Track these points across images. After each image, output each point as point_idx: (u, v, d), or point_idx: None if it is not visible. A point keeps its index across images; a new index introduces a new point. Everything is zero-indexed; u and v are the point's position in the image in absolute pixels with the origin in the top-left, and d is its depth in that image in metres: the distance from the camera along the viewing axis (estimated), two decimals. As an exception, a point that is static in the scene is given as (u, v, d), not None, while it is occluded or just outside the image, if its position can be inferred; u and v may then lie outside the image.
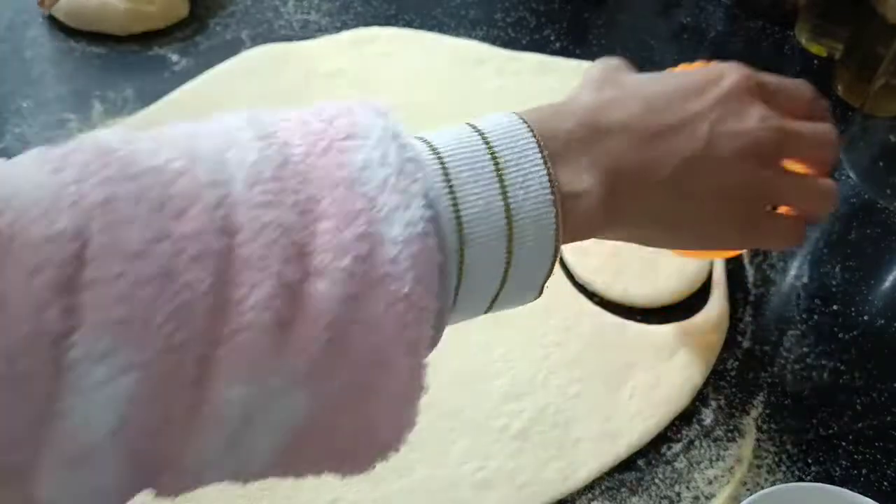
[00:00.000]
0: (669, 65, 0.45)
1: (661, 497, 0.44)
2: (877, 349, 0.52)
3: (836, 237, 0.58)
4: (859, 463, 0.46)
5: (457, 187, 0.30)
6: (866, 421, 0.48)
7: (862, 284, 0.55)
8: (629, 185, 0.35)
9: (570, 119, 0.34)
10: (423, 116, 0.62)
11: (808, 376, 0.50)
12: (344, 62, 0.65)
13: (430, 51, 0.68)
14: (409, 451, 0.44)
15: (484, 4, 0.74)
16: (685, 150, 0.36)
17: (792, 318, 0.53)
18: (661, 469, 0.45)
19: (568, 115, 0.35)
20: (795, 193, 0.40)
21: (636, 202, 0.35)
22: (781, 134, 0.38)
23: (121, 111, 0.61)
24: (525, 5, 0.75)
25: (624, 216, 0.36)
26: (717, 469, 0.45)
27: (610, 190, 0.34)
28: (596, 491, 0.44)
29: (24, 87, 0.62)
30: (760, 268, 0.56)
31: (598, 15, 0.74)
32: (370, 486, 0.43)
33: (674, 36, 0.73)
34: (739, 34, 0.74)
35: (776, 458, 0.46)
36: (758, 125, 0.37)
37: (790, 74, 0.70)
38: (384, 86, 0.64)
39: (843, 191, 0.61)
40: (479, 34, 0.71)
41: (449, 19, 0.72)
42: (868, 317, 0.53)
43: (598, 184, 0.34)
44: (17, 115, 0.60)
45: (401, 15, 0.72)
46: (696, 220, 0.37)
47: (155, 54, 0.66)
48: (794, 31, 0.74)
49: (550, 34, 0.72)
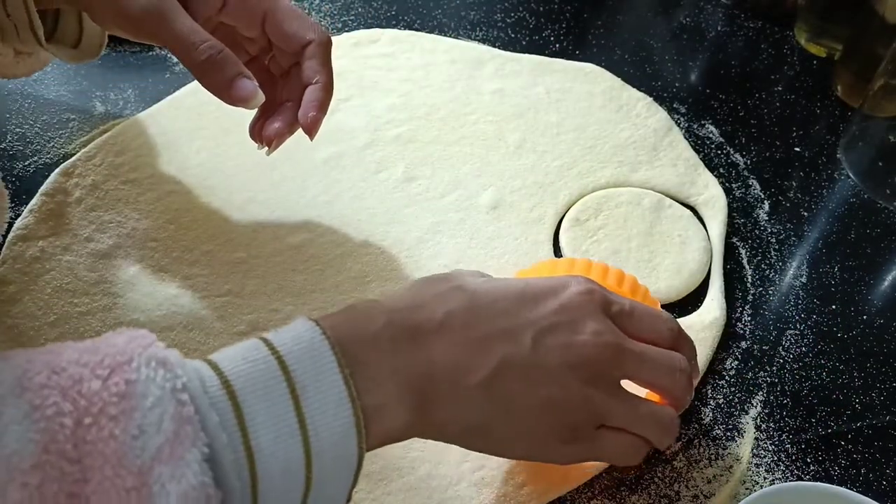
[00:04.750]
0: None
1: (660, 496, 0.44)
2: (876, 349, 0.52)
3: (835, 237, 0.58)
4: (858, 462, 0.46)
5: (249, 421, 0.29)
6: (865, 420, 0.48)
7: (861, 284, 0.55)
8: (442, 391, 0.33)
9: (380, 319, 0.33)
10: (423, 117, 0.63)
11: (807, 376, 0.50)
12: (344, 63, 0.65)
13: (430, 52, 0.68)
14: (409, 450, 0.44)
15: (484, 5, 0.74)
16: (506, 356, 0.34)
17: (791, 317, 0.53)
18: (661, 468, 0.45)
19: (379, 315, 0.33)
20: (627, 418, 0.37)
21: (449, 408, 0.34)
22: (616, 351, 0.36)
23: (121, 111, 0.62)
24: (525, 6, 0.75)
25: (436, 424, 0.34)
26: (716, 468, 0.45)
27: (419, 398, 0.33)
28: (595, 489, 0.44)
29: (25, 87, 0.62)
30: (759, 267, 0.56)
31: (597, 15, 0.75)
32: (371, 484, 0.43)
33: (674, 36, 0.73)
34: (739, 34, 0.74)
35: (775, 457, 0.46)
36: (590, 339, 0.35)
37: (790, 74, 0.70)
38: (384, 87, 0.64)
39: (843, 191, 0.61)
40: (479, 35, 0.71)
41: (449, 20, 0.72)
42: (867, 316, 0.53)
43: (404, 392, 0.32)
44: (19, 115, 0.60)
45: (401, 16, 0.72)
46: (516, 430, 0.35)
47: (156, 54, 0.66)
48: (793, 31, 0.74)
49: (550, 35, 0.72)
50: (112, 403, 0.27)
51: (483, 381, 0.34)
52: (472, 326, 0.34)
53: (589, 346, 0.36)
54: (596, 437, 0.37)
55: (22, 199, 0.54)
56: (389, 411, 0.33)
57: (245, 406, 0.29)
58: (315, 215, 0.56)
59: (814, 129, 0.66)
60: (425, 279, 0.37)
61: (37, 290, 0.49)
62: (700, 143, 0.64)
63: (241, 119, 0.50)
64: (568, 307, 0.36)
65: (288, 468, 0.30)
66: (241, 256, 0.53)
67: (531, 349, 0.35)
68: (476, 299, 0.35)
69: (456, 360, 0.34)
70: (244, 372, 0.30)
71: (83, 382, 0.27)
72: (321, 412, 0.30)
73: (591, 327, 0.36)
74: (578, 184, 0.59)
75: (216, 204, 0.55)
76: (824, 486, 0.40)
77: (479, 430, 0.35)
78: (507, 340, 0.34)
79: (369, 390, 0.32)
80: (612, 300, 0.38)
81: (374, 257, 0.54)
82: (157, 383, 0.28)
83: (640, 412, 0.38)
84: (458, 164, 0.60)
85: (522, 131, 0.62)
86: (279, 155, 0.50)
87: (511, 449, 0.38)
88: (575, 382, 0.35)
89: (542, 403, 0.35)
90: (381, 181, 0.58)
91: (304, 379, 0.30)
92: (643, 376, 0.38)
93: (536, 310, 0.36)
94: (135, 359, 0.29)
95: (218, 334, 0.49)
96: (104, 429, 0.26)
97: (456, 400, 0.34)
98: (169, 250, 0.52)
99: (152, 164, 0.57)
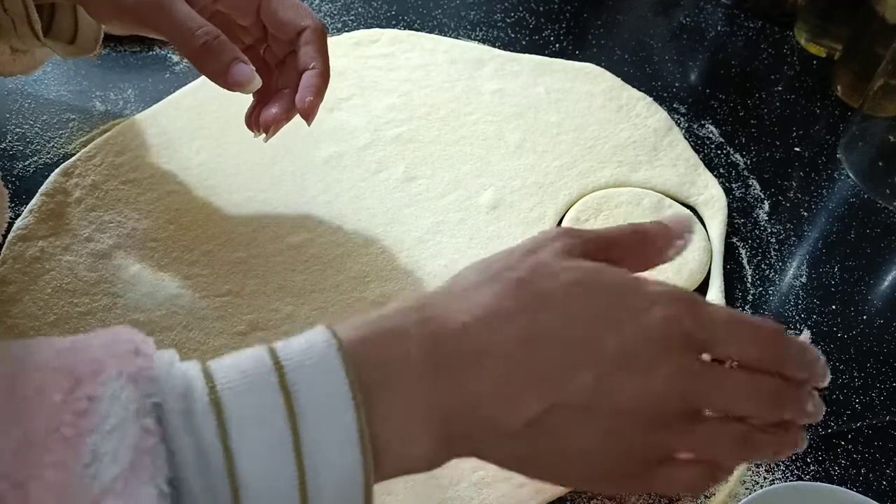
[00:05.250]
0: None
1: (660, 496, 0.44)
2: (876, 349, 0.52)
3: (835, 237, 0.58)
4: (858, 462, 0.46)
5: (235, 448, 0.25)
6: (865, 420, 0.48)
7: (861, 284, 0.55)
8: (478, 427, 0.28)
9: (413, 338, 0.28)
10: (423, 117, 0.63)
11: (807, 376, 0.50)
12: (345, 63, 0.66)
13: (430, 52, 0.68)
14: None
15: (484, 5, 0.74)
16: (560, 399, 0.28)
17: (791, 317, 0.53)
18: (661, 468, 0.45)
19: (413, 331, 0.28)
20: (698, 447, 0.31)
21: (484, 444, 0.29)
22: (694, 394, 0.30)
23: (121, 111, 0.62)
24: (524, 6, 0.75)
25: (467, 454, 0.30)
26: (716, 468, 0.45)
27: (448, 432, 0.28)
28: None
29: (25, 87, 0.62)
30: (759, 267, 0.56)
31: (597, 15, 0.75)
32: (370, 484, 0.43)
33: (673, 36, 0.73)
34: (739, 34, 0.74)
35: (775, 457, 0.46)
36: (662, 384, 0.29)
37: (790, 74, 0.70)
38: (384, 87, 0.64)
39: (843, 191, 0.61)
40: (479, 35, 0.71)
41: (449, 20, 0.72)
42: (867, 316, 0.53)
43: (432, 426, 0.28)
44: (19, 114, 0.60)
45: (401, 16, 0.72)
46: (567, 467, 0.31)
47: (156, 54, 0.66)
48: (793, 31, 0.74)
49: (550, 35, 0.72)
50: (68, 424, 0.24)
51: (529, 422, 0.29)
52: (523, 362, 0.29)
53: (660, 394, 0.30)
54: (651, 473, 0.31)
55: (22, 199, 0.54)
56: (410, 445, 0.28)
57: (232, 429, 0.26)
58: (315, 215, 0.56)
59: (814, 129, 0.66)
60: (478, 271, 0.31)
61: (37, 290, 0.49)
62: (700, 143, 0.64)
63: (242, 119, 0.50)
64: (648, 340, 0.29)
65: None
66: (241, 256, 0.53)
67: (592, 392, 0.29)
68: (534, 326, 0.29)
69: (498, 398, 0.29)
70: (239, 388, 0.27)
71: (47, 394, 0.25)
72: (324, 445, 0.26)
73: (665, 369, 0.30)
74: (578, 184, 0.59)
75: (216, 204, 0.55)
76: (824, 486, 0.40)
77: (522, 462, 0.31)
78: (564, 379, 0.29)
79: (387, 419, 0.28)
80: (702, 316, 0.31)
81: (374, 257, 0.54)
82: (121, 402, 0.25)
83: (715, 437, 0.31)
84: (458, 164, 0.60)
85: (522, 131, 0.62)
86: (279, 154, 0.50)
87: (564, 481, 0.35)
88: (640, 425, 0.30)
89: (600, 443, 0.30)
90: (381, 181, 0.58)
91: (306, 404, 0.26)
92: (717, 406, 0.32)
93: (607, 338, 0.29)
94: (105, 370, 0.26)
95: (218, 334, 0.49)
96: (54, 452, 0.24)
97: (494, 437, 0.29)
98: (169, 250, 0.52)
99: (152, 164, 0.57)
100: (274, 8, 0.48)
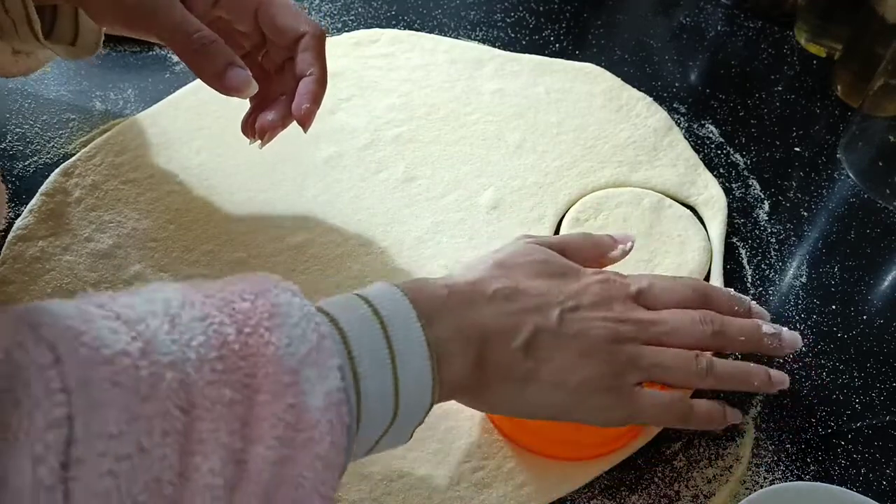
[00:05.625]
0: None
1: (660, 496, 0.44)
2: (876, 349, 0.52)
3: (835, 237, 0.58)
4: (858, 462, 0.46)
5: (357, 357, 0.34)
6: (865, 420, 0.48)
7: (861, 284, 0.55)
8: (493, 348, 0.39)
9: (443, 289, 0.39)
10: (423, 117, 0.63)
11: (807, 376, 0.50)
12: (345, 63, 0.66)
13: (430, 52, 0.68)
14: (409, 451, 0.44)
15: (484, 5, 0.74)
16: (538, 325, 0.40)
17: (791, 317, 0.53)
18: (661, 468, 0.45)
19: (442, 286, 0.39)
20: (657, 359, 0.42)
21: (498, 364, 0.39)
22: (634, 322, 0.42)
23: (121, 111, 0.62)
24: (524, 6, 0.75)
25: (485, 378, 0.39)
26: (716, 468, 0.45)
27: (476, 352, 0.38)
28: (595, 489, 0.44)
29: (25, 87, 0.62)
30: (759, 267, 0.56)
31: (597, 15, 0.75)
32: (371, 485, 0.43)
33: (673, 36, 0.73)
34: (739, 34, 0.74)
35: (775, 456, 0.46)
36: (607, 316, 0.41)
37: (790, 74, 0.70)
38: (384, 87, 0.64)
39: (843, 191, 0.61)
40: (479, 35, 0.71)
41: (449, 20, 0.72)
42: (867, 316, 0.54)
43: (466, 346, 0.38)
44: (19, 114, 0.60)
45: (401, 16, 0.72)
46: (553, 379, 0.40)
47: (156, 54, 0.66)
48: (793, 31, 0.74)
49: (550, 35, 0.72)
50: (264, 318, 0.31)
51: (522, 345, 0.39)
52: (513, 301, 0.40)
53: (611, 318, 0.41)
54: (633, 392, 0.41)
55: (22, 199, 0.54)
56: (454, 361, 0.38)
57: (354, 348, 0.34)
58: (315, 215, 0.56)
59: (814, 129, 0.66)
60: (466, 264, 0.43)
61: (37, 290, 0.49)
62: (700, 143, 0.64)
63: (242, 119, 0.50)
64: (590, 291, 0.42)
65: (383, 393, 0.34)
66: (241, 256, 0.53)
67: (559, 321, 0.40)
68: (516, 284, 0.41)
69: (502, 325, 0.39)
70: (351, 321, 0.35)
71: (235, 303, 0.32)
72: (407, 351, 0.35)
73: (610, 306, 0.42)
74: (578, 184, 0.59)
75: (216, 204, 0.56)
76: (824, 486, 0.40)
77: (521, 382, 0.40)
78: (538, 314, 0.40)
79: (438, 341, 0.37)
80: (630, 281, 0.44)
81: (374, 257, 0.54)
82: (296, 307, 0.32)
83: (670, 355, 0.42)
84: (458, 164, 0.60)
85: (522, 131, 0.62)
86: (279, 155, 0.50)
87: (551, 399, 0.40)
88: (602, 342, 0.41)
89: (575, 356, 0.40)
90: (381, 181, 0.58)
91: (394, 322, 0.36)
92: (669, 341, 0.42)
93: (563, 288, 0.42)
94: (272, 289, 0.33)
95: (218, 334, 0.49)
96: (262, 336, 0.31)
97: (503, 356, 0.39)
98: (169, 250, 0.52)
99: (152, 164, 0.57)
100: (272, 14, 0.48)
